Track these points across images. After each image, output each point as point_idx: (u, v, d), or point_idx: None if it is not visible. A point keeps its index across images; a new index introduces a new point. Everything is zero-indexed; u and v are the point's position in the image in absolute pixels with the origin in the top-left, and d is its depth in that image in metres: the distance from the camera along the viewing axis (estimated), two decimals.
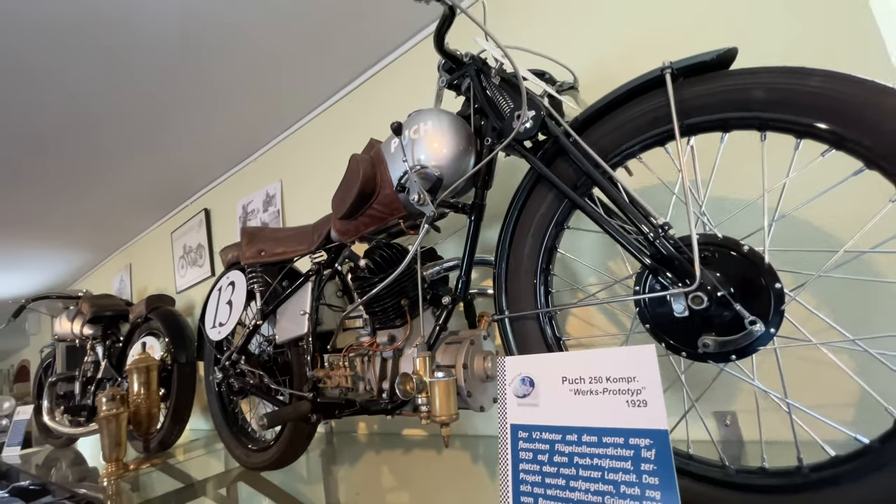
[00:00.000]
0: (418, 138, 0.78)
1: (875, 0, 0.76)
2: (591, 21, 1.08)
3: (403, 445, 1.30)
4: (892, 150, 0.45)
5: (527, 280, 0.73)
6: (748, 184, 0.86)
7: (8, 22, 1.05)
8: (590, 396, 0.45)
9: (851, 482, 0.48)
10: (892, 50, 0.74)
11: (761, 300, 0.51)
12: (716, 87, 0.55)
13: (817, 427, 0.60)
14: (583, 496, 0.42)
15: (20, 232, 2.57)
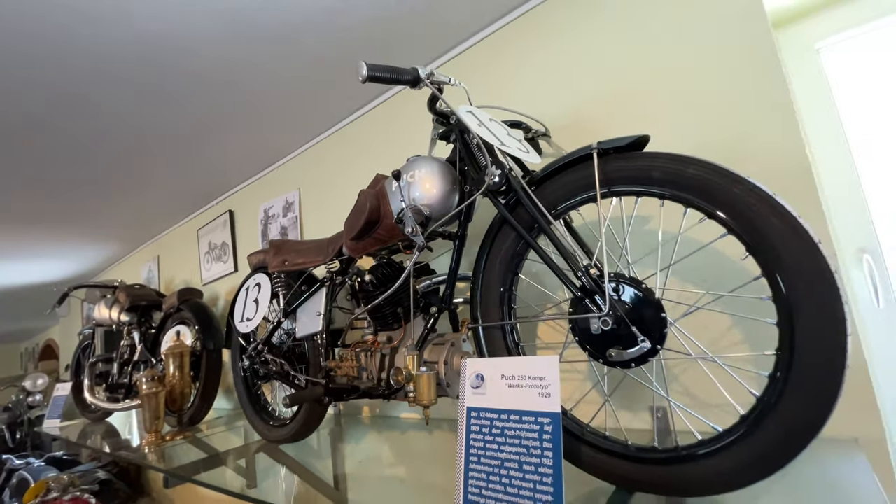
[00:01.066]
0: (413, 182, 0.98)
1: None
2: (565, 77, 1.26)
3: (400, 427, 1.52)
4: (742, 224, 0.65)
5: (495, 297, 0.93)
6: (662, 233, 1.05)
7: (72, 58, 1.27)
8: (517, 389, 0.66)
9: (708, 457, 0.68)
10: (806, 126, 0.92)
11: (651, 324, 0.71)
12: (628, 165, 0.74)
13: (693, 419, 0.80)
14: (508, 455, 0.63)
15: (62, 226, 2.84)
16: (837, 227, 1.04)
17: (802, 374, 0.60)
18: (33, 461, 3.35)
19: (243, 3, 1.16)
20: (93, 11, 1.10)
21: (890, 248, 1.00)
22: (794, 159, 0.93)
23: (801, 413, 0.59)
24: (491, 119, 0.98)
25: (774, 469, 0.62)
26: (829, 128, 1.05)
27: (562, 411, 0.84)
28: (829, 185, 1.05)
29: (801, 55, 1.09)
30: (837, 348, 0.57)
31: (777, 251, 0.62)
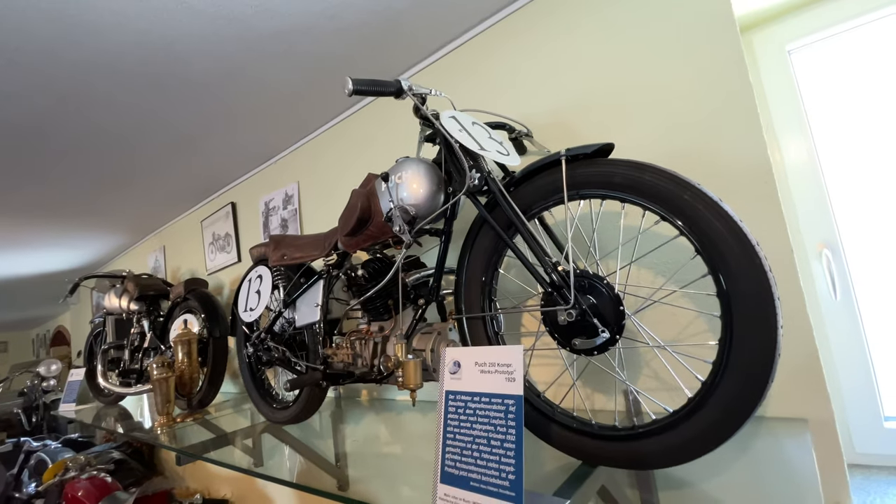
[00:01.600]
0: (401, 183, 1.05)
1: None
2: (547, 79, 1.31)
3: (396, 409, 1.62)
4: (690, 226, 0.71)
5: (476, 290, 1.01)
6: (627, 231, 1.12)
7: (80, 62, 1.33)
8: (488, 374, 0.74)
9: (658, 434, 0.76)
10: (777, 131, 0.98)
11: (610, 317, 0.79)
12: (593, 170, 0.81)
13: (651, 401, 0.88)
14: (479, 432, 0.72)
15: (71, 217, 2.93)
16: (802, 222, 1.10)
17: (738, 362, 0.67)
18: (50, 443, 3.51)
19: (238, 10, 1.21)
20: (96, 19, 1.16)
21: (850, 244, 1.06)
22: (755, 162, 0.99)
23: (737, 396, 0.67)
24: (474, 122, 1.04)
25: (714, 445, 0.70)
26: (796, 126, 1.10)
27: (535, 393, 0.93)
28: (795, 183, 1.10)
29: (773, 56, 1.13)
30: (768, 340, 0.65)
31: (720, 252, 0.69)
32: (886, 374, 1.05)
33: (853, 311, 1.06)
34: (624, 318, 0.78)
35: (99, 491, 2.38)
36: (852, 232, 1.07)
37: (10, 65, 1.28)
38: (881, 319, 1.04)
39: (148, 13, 1.18)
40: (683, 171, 1.04)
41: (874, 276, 1.04)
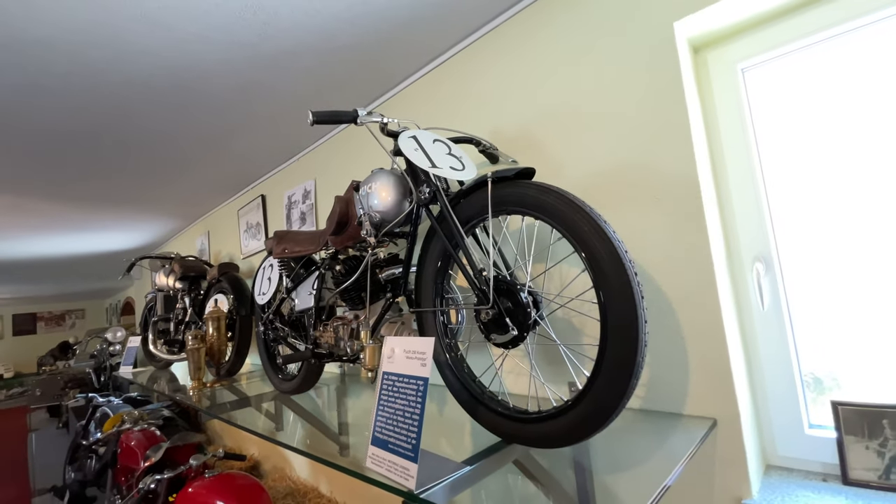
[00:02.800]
0: (371, 192, 1.22)
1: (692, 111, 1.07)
2: (515, 98, 1.42)
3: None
4: (579, 244, 0.83)
5: (430, 289, 1.16)
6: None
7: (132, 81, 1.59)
8: (409, 360, 0.90)
9: (558, 417, 0.89)
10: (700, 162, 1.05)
11: (521, 318, 0.92)
12: (512, 191, 0.93)
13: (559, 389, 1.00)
14: (399, 406, 0.88)
15: (130, 205, 3.34)
16: (742, 237, 1.16)
17: (610, 363, 0.79)
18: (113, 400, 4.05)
19: (246, 38, 1.41)
20: (133, 49, 1.40)
21: (787, 258, 1.11)
22: (685, 178, 1.06)
23: (608, 392, 0.79)
24: (435, 140, 1.18)
25: (594, 431, 0.82)
26: (742, 144, 1.15)
27: (472, 378, 1.08)
28: (737, 198, 1.16)
29: (724, 74, 1.18)
30: (631, 349, 0.76)
31: (601, 269, 0.80)
32: (813, 382, 1.11)
33: (782, 321, 1.11)
34: (530, 319, 0.91)
35: (148, 441, 2.78)
36: (790, 247, 1.12)
37: (68, 85, 1.56)
38: (812, 331, 1.09)
39: (173, 44, 1.40)
40: (624, 183, 1.15)
41: (807, 289, 1.09)
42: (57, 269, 5.93)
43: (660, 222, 1.11)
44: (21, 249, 4.45)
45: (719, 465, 1.02)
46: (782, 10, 1.08)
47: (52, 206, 3.10)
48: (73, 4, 1.19)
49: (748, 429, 1.02)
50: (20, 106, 1.67)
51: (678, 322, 1.08)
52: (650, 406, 1.13)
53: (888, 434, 0.96)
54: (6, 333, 11.11)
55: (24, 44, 1.32)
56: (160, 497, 1.83)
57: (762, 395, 1.12)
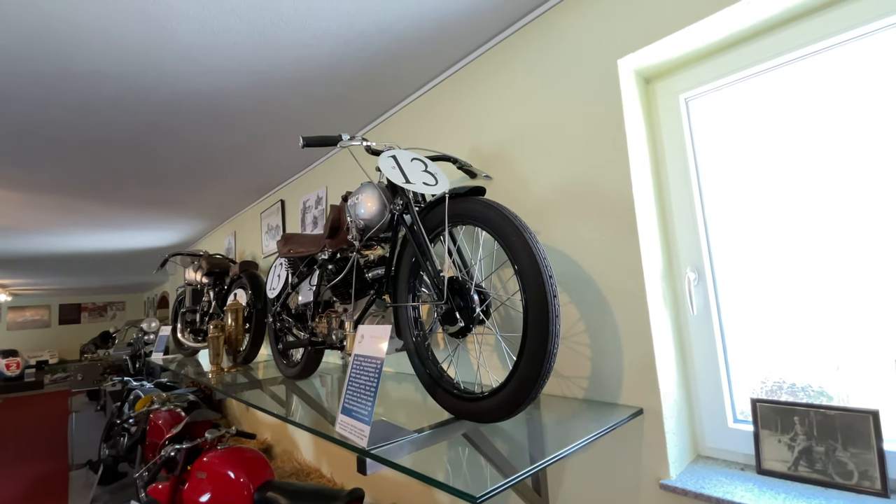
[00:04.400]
0: (357, 203, 1.42)
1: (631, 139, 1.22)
2: (491, 121, 1.60)
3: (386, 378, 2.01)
4: (511, 253, 1.00)
5: (404, 286, 1.35)
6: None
7: (164, 104, 1.86)
8: (372, 343, 1.09)
9: (491, 397, 1.05)
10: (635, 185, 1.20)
11: (467, 312, 1.09)
12: (463, 206, 1.11)
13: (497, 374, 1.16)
14: (362, 382, 1.07)
15: (166, 207, 3.68)
16: (680, 248, 1.29)
17: (528, 351, 0.95)
18: (146, 384, 4.41)
19: (259, 67, 1.65)
20: (166, 76, 1.66)
21: (720, 268, 1.24)
22: (622, 197, 1.22)
23: (527, 375, 0.95)
24: (413, 158, 1.37)
25: (517, 408, 0.98)
26: (681, 168, 1.29)
27: (434, 363, 1.26)
28: (677, 214, 1.30)
29: (668, 104, 1.32)
30: (543, 338, 0.92)
31: (524, 275, 0.97)
32: (739, 380, 1.23)
33: (710, 325, 1.23)
34: (474, 313, 1.09)
35: (174, 420, 3.08)
36: (724, 258, 1.25)
37: (114, 105, 1.84)
38: (738, 334, 1.22)
39: (200, 73, 1.65)
40: (575, 199, 1.31)
41: (736, 296, 1.22)
42: (99, 263, 6.45)
43: (602, 234, 1.26)
44: (68, 244, 4.91)
45: (645, 450, 1.16)
46: (719, 46, 1.22)
47: (95, 206, 3.47)
48: (119, 43, 1.45)
49: (672, 419, 1.16)
50: (73, 121, 1.97)
51: (615, 323, 1.23)
52: (592, 396, 1.28)
53: (798, 430, 1.08)
54: (53, 322, 11.98)
55: (79, 73, 1.59)
56: (179, 464, 2.08)
57: (694, 391, 1.25)
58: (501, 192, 1.55)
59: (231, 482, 1.87)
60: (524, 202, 1.47)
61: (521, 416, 1.31)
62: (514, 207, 1.51)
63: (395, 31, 1.51)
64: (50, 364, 10.85)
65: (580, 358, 1.31)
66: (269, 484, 1.88)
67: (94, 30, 1.37)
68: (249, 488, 1.87)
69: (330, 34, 1.49)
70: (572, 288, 1.33)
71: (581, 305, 1.31)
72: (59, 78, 1.61)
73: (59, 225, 3.96)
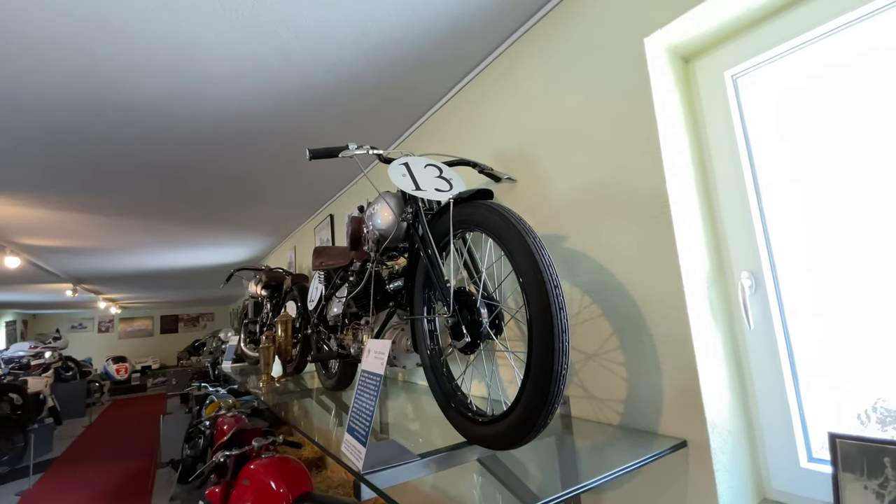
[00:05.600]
0: (373, 213, 1.39)
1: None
2: (514, 124, 1.50)
3: (416, 391, 1.96)
4: (514, 262, 0.90)
5: (420, 298, 1.29)
6: None
7: (208, 129, 1.99)
8: (375, 359, 1.04)
9: (502, 420, 0.95)
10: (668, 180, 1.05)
11: (475, 327, 1.00)
12: (468, 211, 1.03)
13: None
14: (365, 399, 1.02)
15: (230, 225, 3.98)
16: (733, 250, 1.09)
17: (534, 372, 0.84)
18: (220, 390, 4.76)
19: (287, 86, 1.70)
20: (208, 102, 1.77)
21: (787, 272, 1.03)
22: (655, 193, 1.06)
23: (531, 403, 0.84)
24: (427, 165, 1.31)
25: (522, 439, 0.87)
26: (730, 155, 1.10)
27: (449, 380, 1.18)
28: (726, 210, 1.10)
29: (711, 83, 1.14)
30: (548, 356, 0.81)
31: (525, 280, 0.86)
32: (814, 413, 1.00)
33: (772, 341, 1.02)
34: (480, 327, 0.99)
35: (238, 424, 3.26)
36: (789, 261, 1.04)
37: (166, 133, 2.01)
38: (811, 353, 1.00)
39: (235, 96, 1.74)
40: (601, 198, 1.18)
41: (807, 305, 1.01)
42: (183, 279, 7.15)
43: (634, 237, 1.11)
44: (154, 262, 5.49)
45: (691, 491, 0.98)
46: (771, 7, 1.03)
47: (171, 226, 3.83)
48: (159, 75, 1.56)
49: (725, 454, 0.97)
50: (135, 151, 2.17)
51: (652, 338, 1.07)
52: (628, 423, 1.12)
53: (889, 474, 0.85)
54: (155, 331, 13.50)
55: (130, 106, 1.75)
56: (229, 470, 2.18)
57: (755, 422, 1.05)
58: (526, 196, 1.44)
59: (271, 492, 1.91)
60: (550, 205, 1.35)
61: (551, 440, 1.18)
62: (539, 211, 1.39)
63: (410, 39, 1.47)
64: (152, 369, 12.20)
65: (614, 378, 1.16)
66: (307, 495, 1.89)
67: (134, 65, 1.49)
68: (289, 498, 1.89)
69: (347, 48, 1.50)
70: (604, 298, 1.19)
71: (613, 318, 1.16)
72: (115, 111, 1.78)
73: (144, 244, 4.44)
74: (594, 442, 1.10)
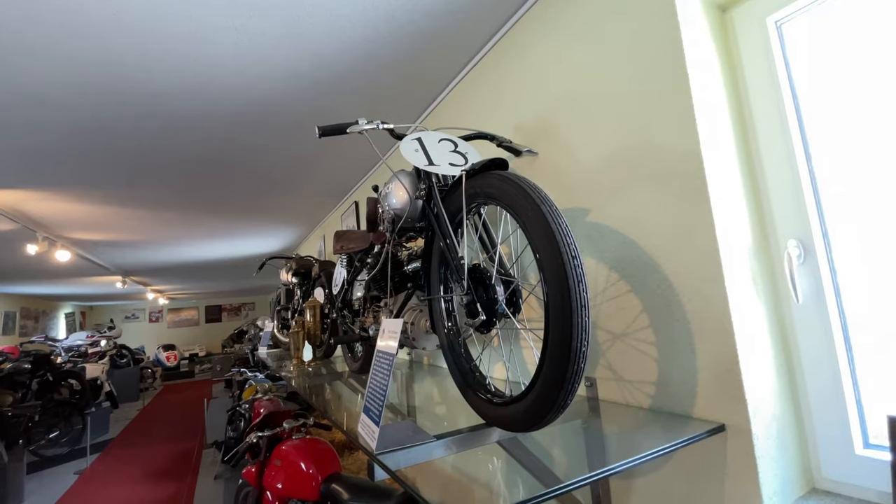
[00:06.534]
0: (388, 192, 1.36)
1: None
2: (532, 93, 1.42)
3: (440, 374, 1.94)
4: (529, 232, 0.84)
5: (437, 278, 1.25)
6: None
7: (232, 116, 2.00)
8: (388, 338, 1.01)
9: (519, 401, 0.90)
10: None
11: (491, 304, 0.95)
12: (480, 182, 0.97)
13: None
14: (379, 379, 1.00)
15: (264, 215, 4.07)
16: (778, 216, 0.99)
17: (551, 349, 0.78)
18: (258, 375, 4.94)
19: (301, 68, 1.68)
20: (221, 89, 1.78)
21: (840, 239, 0.92)
22: (688, 157, 0.97)
23: (549, 382, 0.78)
24: (442, 139, 1.26)
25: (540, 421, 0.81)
26: (774, 109, 0.99)
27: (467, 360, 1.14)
28: (772, 174, 0.99)
29: (751, 32, 1.02)
30: (566, 331, 0.75)
31: (541, 252, 0.80)
32: (870, 394, 0.89)
33: (824, 317, 0.90)
34: (496, 304, 0.94)
35: (273, 407, 3.37)
36: (843, 227, 0.92)
37: (190, 124, 2.04)
38: (869, 329, 0.89)
39: (250, 82, 1.74)
40: (629, 165, 1.09)
41: (865, 276, 0.90)
42: (223, 269, 7.43)
43: (663, 206, 1.02)
44: (195, 254, 5.71)
45: (729, 478, 0.91)
46: None
47: (208, 218, 3.96)
48: (176, 63, 1.58)
49: (770, 440, 0.89)
50: (162, 141, 2.23)
51: (685, 315, 0.98)
52: (659, 406, 1.05)
53: None
54: (201, 321, 14.20)
55: (152, 95, 1.78)
56: (262, 450, 2.24)
57: (805, 405, 0.95)
58: (548, 169, 1.37)
59: (301, 472, 1.96)
60: (572, 177, 1.27)
61: (577, 424, 1.13)
62: (562, 184, 1.31)
63: (421, 8, 1.41)
64: (199, 357, 12.87)
65: (644, 359, 1.08)
66: (335, 476, 1.92)
67: (150, 55, 1.51)
68: (318, 479, 1.93)
69: (357, 22, 1.45)
70: (632, 274, 1.11)
71: (642, 295, 1.08)
72: (139, 104, 1.82)
73: (183, 236, 4.62)
74: (623, 426, 1.04)
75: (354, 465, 2.91)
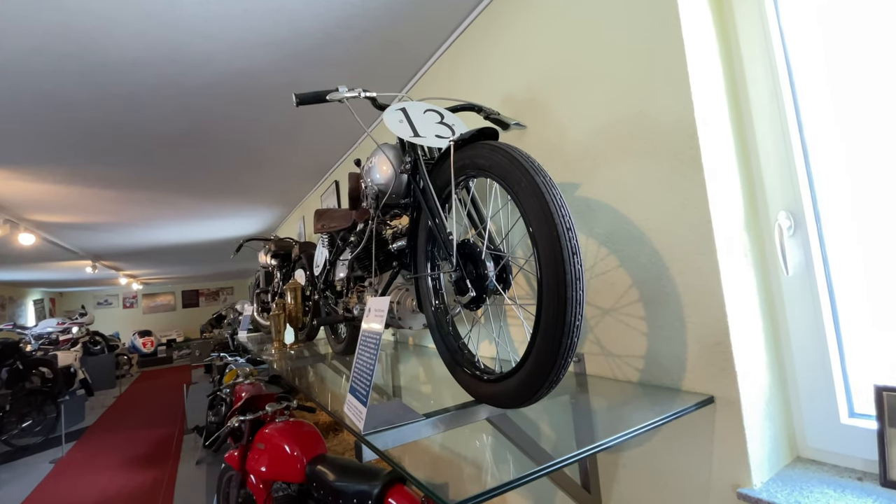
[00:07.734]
0: (371, 167, 1.30)
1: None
2: (521, 63, 1.36)
3: (427, 354, 1.92)
4: (521, 204, 0.80)
5: (423, 256, 1.21)
6: None
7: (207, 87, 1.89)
8: (374, 317, 0.97)
9: (510, 377, 0.88)
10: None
11: (480, 280, 0.92)
12: (470, 153, 0.93)
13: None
14: (366, 358, 0.96)
15: (240, 195, 3.93)
16: (768, 187, 0.98)
17: (542, 327, 0.75)
18: (239, 359, 4.85)
19: (278, 36, 1.58)
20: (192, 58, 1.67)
21: (830, 211, 0.92)
22: (680, 124, 0.94)
23: (542, 357, 0.76)
24: (427, 110, 1.20)
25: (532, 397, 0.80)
26: (768, 77, 0.97)
27: (455, 338, 1.11)
28: (763, 143, 0.98)
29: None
30: (560, 306, 0.72)
31: (534, 224, 0.77)
32: (856, 365, 0.91)
33: (812, 288, 0.91)
34: (486, 281, 0.91)
35: (255, 391, 3.32)
36: (833, 199, 0.92)
37: (157, 94, 1.92)
38: (856, 300, 0.90)
39: (222, 51, 1.63)
40: (622, 136, 1.06)
41: (853, 248, 0.90)
42: (197, 253, 7.22)
43: (655, 179, 1.00)
44: (165, 236, 5.51)
45: (717, 449, 0.92)
46: None
47: (180, 198, 3.80)
48: (139, 29, 1.46)
49: (758, 411, 0.89)
50: (129, 115, 2.09)
51: (675, 289, 0.97)
52: (648, 379, 1.05)
53: None
54: (178, 306, 13.87)
55: (115, 64, 1.66)
56: (245, 434, 2.20)
57: (791, 376, 0.96)
58: (537, 142, 1.33)
59: (285, 454, 1.93)
60: (563, 151, 1.24)
61: (565, 399, 1.12)
62: (552, 158, 1.28)
63: None
64: (177, 342, 12.61)
65: (633, 333, 1.08)
66: (320, 457, 1.90)
67: (110, 18, 1.39)
68: (303, 461, 1.90)
69: None
70: (622, 248, 1.09)
71: (632, 269, 1.07)
72: (101, 72, 1.69)
73: (154, 217, 4.44)
74: (611, 400, 1.04)
75: (340, 447, 2.90)
